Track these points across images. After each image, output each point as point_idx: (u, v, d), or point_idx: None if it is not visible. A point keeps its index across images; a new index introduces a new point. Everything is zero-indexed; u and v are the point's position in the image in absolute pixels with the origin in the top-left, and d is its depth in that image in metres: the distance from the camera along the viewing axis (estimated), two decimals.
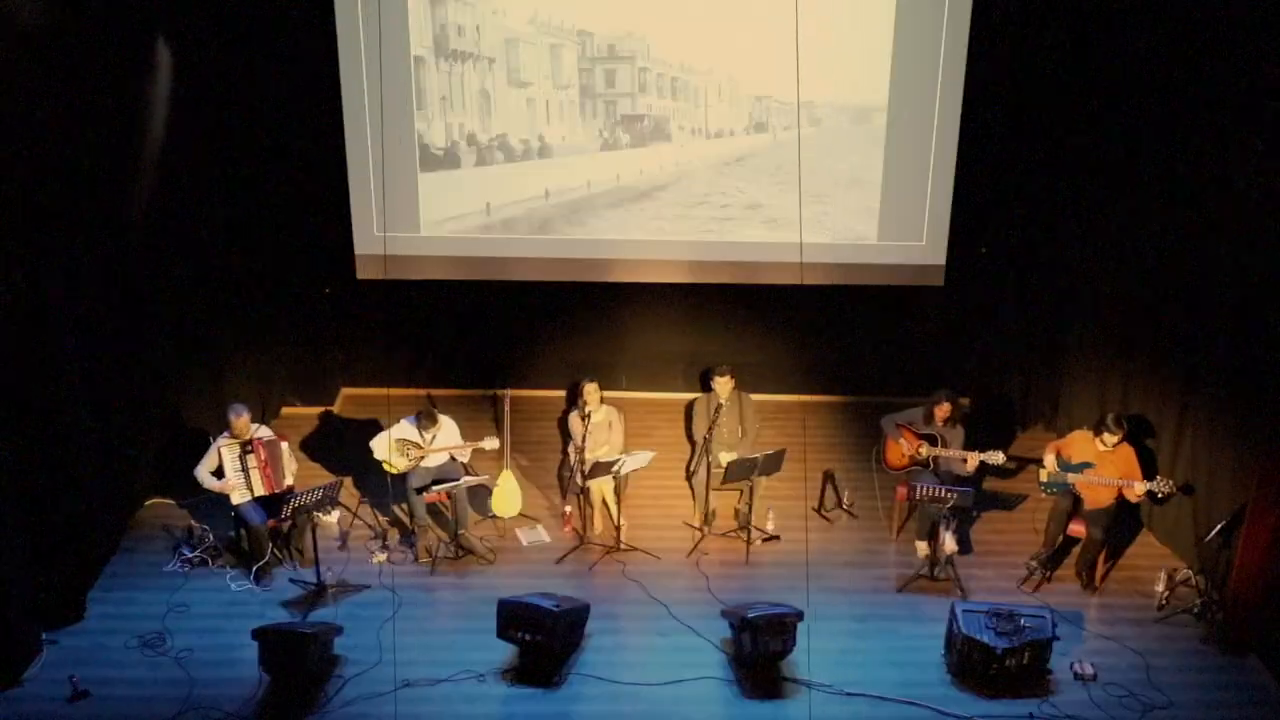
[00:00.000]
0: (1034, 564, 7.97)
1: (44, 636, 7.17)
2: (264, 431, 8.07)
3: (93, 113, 7.57)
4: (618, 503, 8.44)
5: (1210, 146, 7.76)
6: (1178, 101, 8.00)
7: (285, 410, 10.21)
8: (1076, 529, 7.93)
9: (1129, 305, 8.70)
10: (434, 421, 8.15)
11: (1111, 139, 8.67)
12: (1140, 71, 8.30)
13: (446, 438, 8.30)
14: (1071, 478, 7.80)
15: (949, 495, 7.66)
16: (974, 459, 8.03)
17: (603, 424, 8.57)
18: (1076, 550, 8.03)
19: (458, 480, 8.08)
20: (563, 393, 10.10)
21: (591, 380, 8.52)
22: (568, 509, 8.63)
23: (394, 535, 8.45)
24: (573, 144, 9.42)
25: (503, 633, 7.01)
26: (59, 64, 7.20)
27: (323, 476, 8.97)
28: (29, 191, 7.02)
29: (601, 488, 8.40)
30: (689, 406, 9.11)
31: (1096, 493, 7.78)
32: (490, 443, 8.14)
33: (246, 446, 7.86)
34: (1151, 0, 8.13)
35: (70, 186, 7.42)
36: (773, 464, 8.17)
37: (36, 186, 7.09)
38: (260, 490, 7.89)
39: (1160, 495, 7.66)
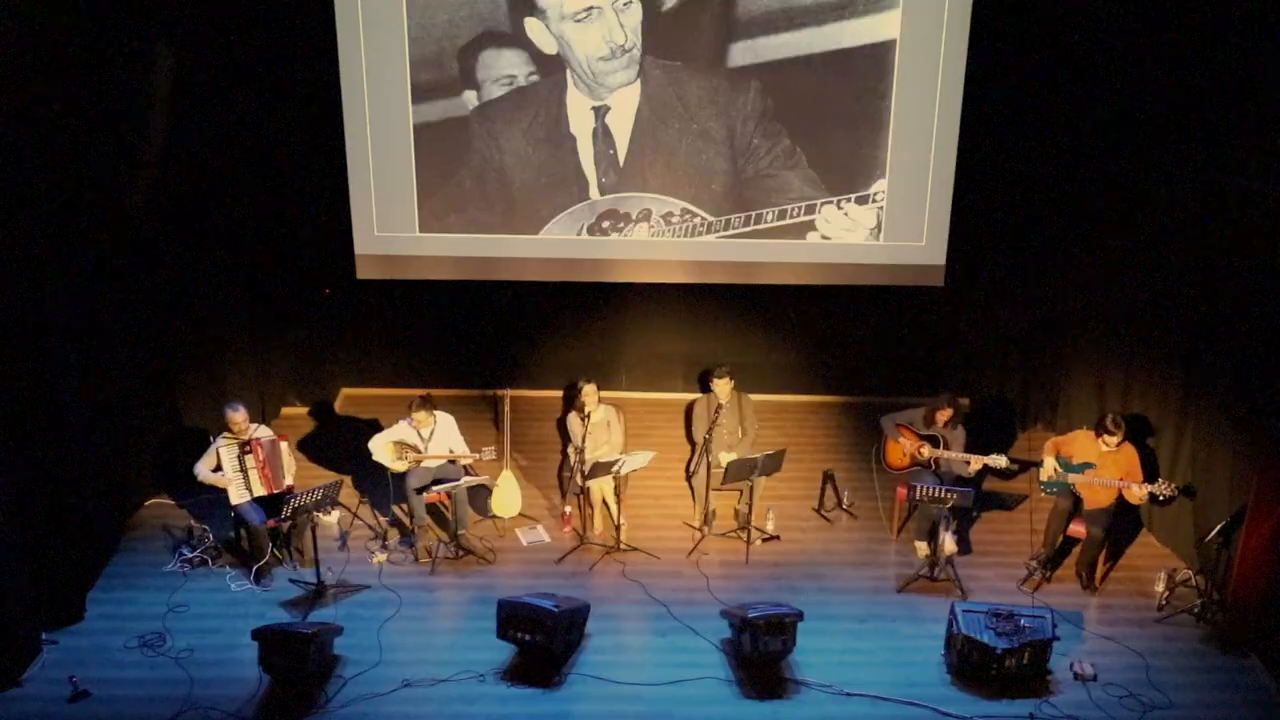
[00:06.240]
0: (1034, 564, 7.97)
1: (44, 636, 7.16)
2: (263, 431, 8.07)
3: (93, 112, 7.57)
4: (618, 503, 8.45)
5: (1210, 146, 7.76)
6: (1178, 101, 8.00)
7: (285, 410, 10.21)
8: (1076, 529, 7.92)
9: (1129, 306, 8.70)
10: (419, 408, 8.13)
11: (1111, 139, 8.68)
12: (1140, 71, 8.30)
13: (444, 433, 8.30)
14: (1072, 478, 7.80)
15: (949, 496, 7.66)
16: (977, 462, 8.03)
17: (602, 424, 8.57)
18: (1076, 550, 8.03)
19: (458, 481, 8.08)
20: (562, 393, 10.11)
21: (589, 381, 8.53)
22: (568, 509, 8.63)
23: (394, 535, 8.45)
24: None
25: (503, 633, 7.01)
26: (59, 63, 7.20)
27: (323, 476, 8.97)
28: (29, 191, 7.02)
29: (601, 488, 8.40)
30: (689, 408, 9.11)
31: (1097, 493, 7.78)
32: (487, 454, 8.12)
33: (245, 446, 7.86)
34: (1152, 2, 8.13)
35: (70, 186, 7.42)
36: (773, 464, 8.17)
37: (37, 185, 7.09)
38: (259, 490, 7.89)
39: (1162, 497, 7.65)
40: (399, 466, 8.19)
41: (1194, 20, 7.76)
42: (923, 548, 8.18)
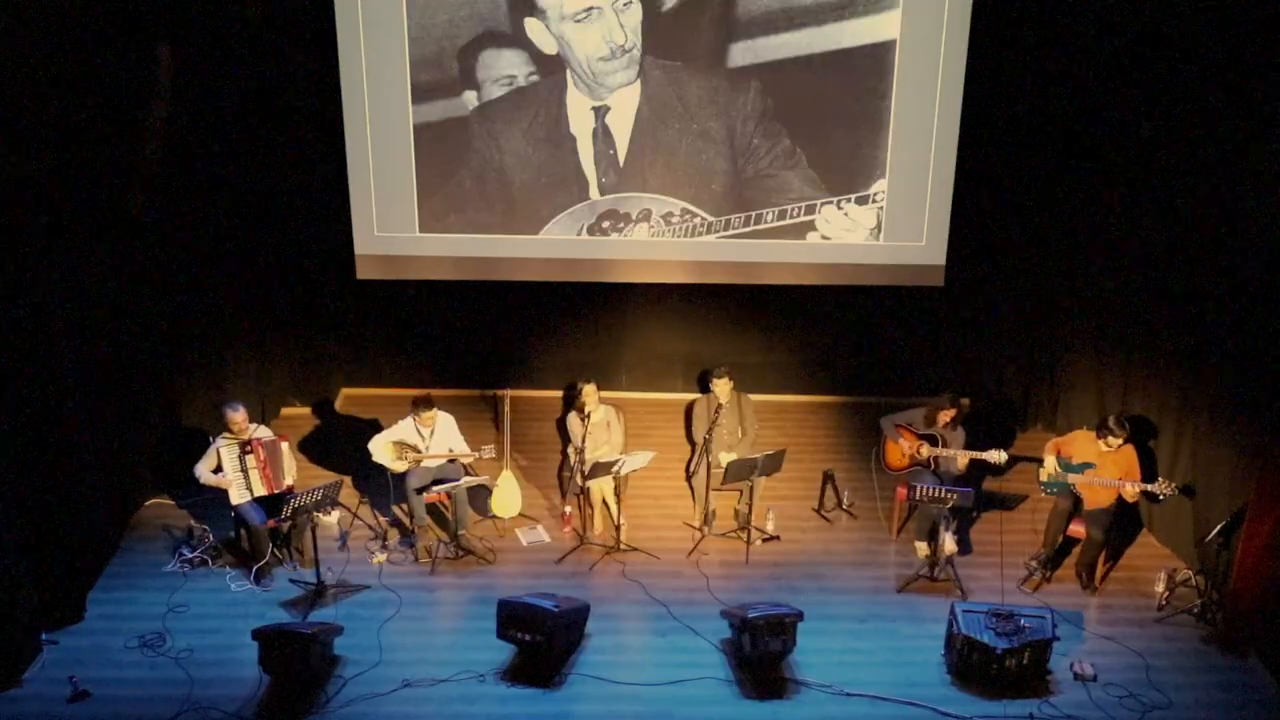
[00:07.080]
0: (1034, 564, 7.98)
1: (44, 636, 7.16)
2: (263, 431, 8.07)
3: (93, 112, 7.57)
4: (618, 503, 8.45)
5: (1210, 145, 7.76)
6: (1177, 101, 8.00)
7: (285, 410, 10.20)
8: (1076, 529, 7.92)
9: (1129, 305, 8.70)
10: (428, 407, 8.15)
11: (1112, 139, 8.67)
12: (1140, 71, 8.30)
13: (444, 433, 8.30)
14: (1072, 478, 7.80)
15: (949, 496, 7.66)
16: (963, 459, 8.06)
17: (602, 424, 8.57)
18: (1076, 550, 8.03)
19: (458, 481, 8.08)
20: (561, 393, 10.11)
21: (589, 381, 8.54)
22: (568, 509, 8.63)
23: (394, 535, 8.45)
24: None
25: (502, 633, 7.01)
26: (59, 63, 7.20)
27: (323, 476, 8.97)
28: (28, 190, 7.01)
29: (601, 488, 8.40)
30: (689, 408, 9.11)
31: (1097, 493, 7.78)
32: (487, 452, 8.13)
33: (245, 446, 7.86)
34: (1151, 2, 8.13)
35: (70, 186, 7.42)
36: (773, 464, 8.17)
37: (36, 185, 7.09)
38: (260, 490, 7.89)
39: (1161, 497, 7.66)
40: (399, 466, 8.19)
41: (1194, 20, 7.76)
42: (923, 548, 8.18)
